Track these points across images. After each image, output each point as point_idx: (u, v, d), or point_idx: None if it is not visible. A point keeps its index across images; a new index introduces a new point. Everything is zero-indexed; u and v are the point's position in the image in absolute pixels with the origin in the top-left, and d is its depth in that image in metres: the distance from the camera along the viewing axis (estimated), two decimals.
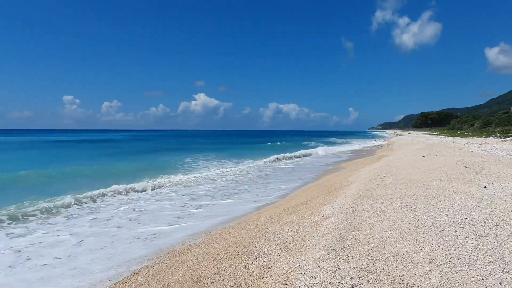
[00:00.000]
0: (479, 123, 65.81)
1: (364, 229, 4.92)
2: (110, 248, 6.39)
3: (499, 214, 5.11)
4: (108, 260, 5.77)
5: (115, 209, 9.44)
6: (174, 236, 6.95)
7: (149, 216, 8.62)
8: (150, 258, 5.74)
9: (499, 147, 20.64)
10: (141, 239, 6.83)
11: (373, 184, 8.81)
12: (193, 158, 25.68)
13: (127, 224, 7.95)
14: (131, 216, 8.69)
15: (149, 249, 6.24)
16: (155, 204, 10.01)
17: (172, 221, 8.09)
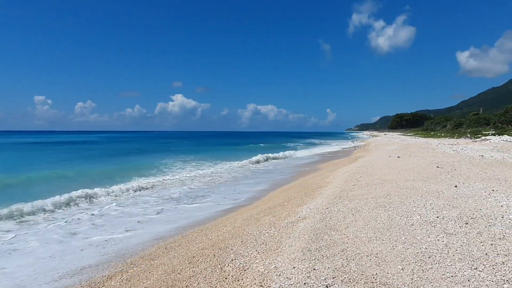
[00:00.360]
0: (451, 124, 67.99)
1: (340, 229, 4.97)
2: (58, 257, 6.14)
3: (468, 213, 5.27)
4: (52, 271, 5.50)
5: (74, 216, 9.04)
6: (127, 243, 6.71)
7: (107, 222, 8.34)
8: (99, 267, 5.55)
9: (469, 148, 21.37)
10: (93, 246, 6.60)
11: (349, 184, 8.94)
12: (170, 160, 25.37)
13: (84, 231, 7.67)
14: (89, 222, 8.38)
15: (97, 258, 5.98)
16: (117, 209, 9.69)
17: (130, 227, 7.85)
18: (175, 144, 57.93)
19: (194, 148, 44.78)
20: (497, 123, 44.46)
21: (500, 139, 25.38)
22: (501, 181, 8.04)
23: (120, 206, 10.14)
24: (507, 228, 4.43)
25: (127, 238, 7.03)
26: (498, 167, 10.65)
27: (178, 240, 6.54)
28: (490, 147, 20.81)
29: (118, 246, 6.54)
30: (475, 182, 7.97)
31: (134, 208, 9.90)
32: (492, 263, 3.47)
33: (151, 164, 21.73)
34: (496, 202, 5.87)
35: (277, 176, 16.29)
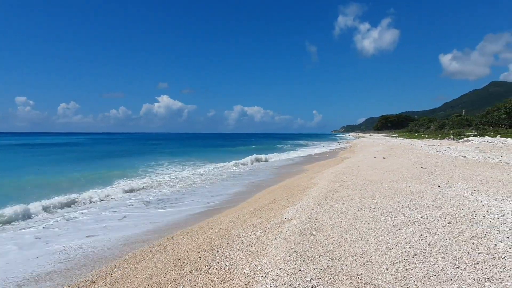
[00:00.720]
0: (435, 125, 69.27)
1: (325, 230, 4.99)
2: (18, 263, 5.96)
3: (451, 212, 5.36)
4: (12, 277, 5.33)
5: (40, 222, 8.68)
6: (74, 254, 6.43)
7: (66, 231, 7.94)
8: (73, 271, 5.45)
9: (452, 149, 21.79)
10: (53, 253, 6.40)
11: (335, 185, 8.99)
12: (154, 162, 25.08)
13: (46, 237, 7.44)
14: (47, 231, 7.98)
15: (59, 264, 5.83)
16: (84, 215, 9.33)
17: (92, 233, 7.65)
18: (160, 145, 57.43)
19: (180, 150, 44.44)
20: (479, 124, 45.50)
21: (482, 140, 25.96)
22: (482, 181, 8.21)
23: (87, 212, 9.72)
24: (488, 227, 4.52)
25: (86, 244, 6.84)
26: (480, 168, 10.88)
27: (164, 242, 6.47)
28: (472, 148, 21.26)
29: (77, 253, 6.40)
30: (457, 182, 8.11)
31: (102, 213, 9.54)
32: (474, 262, 3.53)
33: (133, 167, 21.16)
34: (478, 202, 5.99)
35: (258, 178, 16.28)
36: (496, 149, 19.18)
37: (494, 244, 3.95)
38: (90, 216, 9.29)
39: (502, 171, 9.91)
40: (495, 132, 34.66)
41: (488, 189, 7.11)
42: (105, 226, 8.24)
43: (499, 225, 4.58)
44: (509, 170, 10.23)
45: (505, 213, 5.13)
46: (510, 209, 5.33)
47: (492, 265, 3.44)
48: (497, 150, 18.51)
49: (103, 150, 42.62)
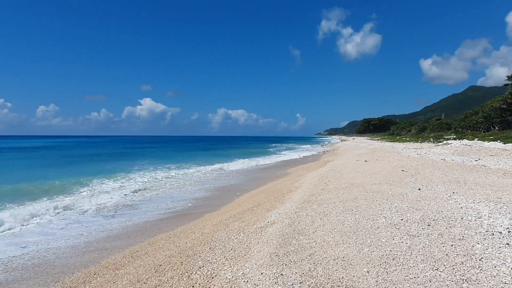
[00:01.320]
0: (416, 129, 70.65)
1: (308, 233, 5.00)
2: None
3: (430, 215, 5.45)
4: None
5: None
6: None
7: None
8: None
9: (432, 151, 22.25)
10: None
11: (317, 189, 9.04)
12: (131, 166, 24.70)
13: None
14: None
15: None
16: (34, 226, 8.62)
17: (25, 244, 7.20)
18: (141, 149, 56.69)
19: (162, 153, 43.99)
20: (458, 128, 46.61)
21: (460, 143, 26.61)
22: (460, 183, 8.40)
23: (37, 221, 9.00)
24: (466, 229, 4.61)
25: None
26: (458, 170, 11.14)
27: (145, 247, 6.36)
28: (451, 151, 21.76)
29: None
30: (437, 185, 8.27)
31: (49, 223, 8.90)
32: (452, 263, 3.59)
33: (105, 172, 20.10)
34: (456, 204, 6.11)
35: (232, 181, 16.25)
36: (474, 152, 19.68)
37: (472, 245, 4.03)
38: (39, 227, 8.54)
39: (480, 174, 10.17)
40: (473, 135, 35.60)
41: (466, 192, 7.27)
42: (45, 236, 7.81)
43: (477, 227, 4.69)
44: (486, 172, 10.51)
45: (482, 215, 5.25)
46: (487, 211, 5.46)
47: (470, 266, 3.50)
48: (475, 153, 18.99)
49: (82, 154, 41.43)
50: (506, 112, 36.89)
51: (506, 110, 36.82)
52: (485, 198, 6.48)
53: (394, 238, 4.45)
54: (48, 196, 12.11)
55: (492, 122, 38.50)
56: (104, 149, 57.13)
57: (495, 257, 3.66)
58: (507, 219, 4.93)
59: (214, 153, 44.86)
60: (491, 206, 5.78)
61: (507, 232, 4.37)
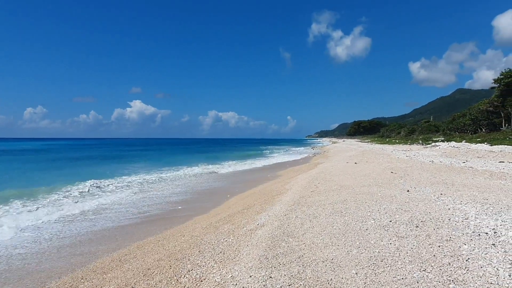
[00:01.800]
0: (405, 131, 71.50)
1: (297, 236, 5.00)
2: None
3: (419, 216, 5.50)
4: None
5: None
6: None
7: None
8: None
9: (421, 153, 22.51)
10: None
11: (307, 191, 9.06)
12: (126, 169, 24.52)
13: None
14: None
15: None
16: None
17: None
18: (131, 151, 56.17)
19: (152, 156, 43.67)
20: (446, 130, 47.30)
21: (448, 145, 26.97)
22: (448, 185, 8.50)
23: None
24: (453, 230, 4.66)
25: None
26: (446, 172, 11.28)
27: (133, 251, 6.29)
28: (439, 153, 22.04)
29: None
30: (425, 187, 8.36)
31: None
32: (440, 264, 3.62)
33: (95, 175, 19.61)
34: (444, 205, 6.18)
35: (222, 183, 16.21)
36: (462, 153, 19.96)
37: (459, 246, 4.08)
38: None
39: (467, 175, 10.31)
40: (460, 137, 36.14)
41: (453, 193, 7.36)
42: (29, 239, 7.58)
43: (463, 228, 4.74)
44: (473, 174, 10.65)
45: (469, 216, 5.32)
46: (474, 212, 5.53)
47: (457, 267, 3.54)
48: (462, 155, 19.27)
49: (71, 157, 40.60)
50: (493, 114, 37.54)
51: (493, 113, 37.47)
52: (472, 200, 6.56)
53: (383, 240, 4.48)
54: (31, 199, 11.89)
55: (479, 124, 39.14)
56: (94, 151, 56.53)
57: (482, 257, 3.70)
58: (493, 220, 5.00)
59: (205, 155, 44.68)
60: (477, 207, 5.86)
61: (493, 233, 4.43)
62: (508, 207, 5.77)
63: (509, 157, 16.15)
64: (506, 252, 3.79)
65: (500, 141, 25.87)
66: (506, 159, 15.70)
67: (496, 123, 36.98)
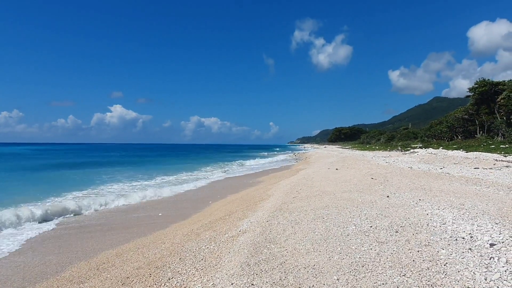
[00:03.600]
0: (385, 138, 72.86)
1: (279, 242, 4.99)
2: None
3: (398, 222, 5.58)
4: None
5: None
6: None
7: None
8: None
9: (400, 160, 22.97)
10: None
11: (289, 197, 9.09)
12: (104, 175, 24.01)
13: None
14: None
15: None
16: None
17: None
18: (110, 157, 55.07)
19: (132, 162, 42.95)
20: (424, 137, 48.46)
21: (426, 152, 27.61)
22: (426, 190, 8.68)
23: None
24: (431, 235, 4.75)
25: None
26: (424, 178, 11.53)
27: (112, 259, 6.14)
28: (417, 159, 22.54)
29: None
30: (404, 192, 8.51)
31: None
32: (419, 269, 3.68)
33: (71, 182, 19.24)
34: (422, 211, 6.30)
35: (204, 189, 16.11)
36: (439, 160, 20.48)
37: (437, 251, 4.15)
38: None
39: (444, 181, 10.56)
40: (438, 144, 37.09)
41: (431, 198, 7.52)
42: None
43: (441, 233, 4.84)
44: (450, 180, 10.93)
45: (446, 221, 5.43)
46: (451, 217, 5.66)
47: (435, 271, 3.60)
48: (439, 161, 19.77)
49: (37, 164, 37.94)
50: (468, 122, 38.73)
51: (468, 121, 38.66)
52: (449, 205, 6.71)
53: (364, 245, 4.52)
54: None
55: (455, 131, 40.30)
56: (70, 157, 55.11)
57: (459, 262, 3.78)
58: (469, 225, 5.13)
59: (186, 161, 44.31)
60: (454, 213, 6.00)
61: (469, 238, 4.54)
62: (483, 212, 5.93)
63: (484, 164, 16.66)
64: (482, 256, 3.89)
65: (475, 148, 26.69)
66: (481, 165, 16.19)
67: (471, 131, 38.15)
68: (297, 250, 4.54)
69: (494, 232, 4.68)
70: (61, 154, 66.07)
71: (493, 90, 35.47)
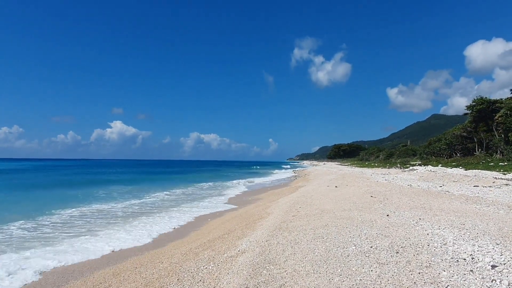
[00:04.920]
0: (383, 155, 72.83)
1: (278, 263, 4.93)
2: None
3: (399, 242, 5.54)
4: None
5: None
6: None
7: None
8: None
9: (399, 177, 22.93)
10: None
11: (289, 215, 9.02)
12: (101, 191, 23.88)
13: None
14: None
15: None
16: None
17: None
18: (109, 174, 54.70)
19: (130, 178, 42.76)
20: (423, 154, 48.49)
21: (425, 169, 27.59)
22: (426, 209, 8.64)
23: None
24: (432, 256, 4.71)
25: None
26: (424, 196, 11.49)
27: (109, 279, 6.04)
28: (417, 177, 22.50)
29: None
30: (404, 211, 8.47)
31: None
32: None
33: (67, 198, 19.07)
34: (423, 231, 6.26)
35: (202, 205, 16.00)
36: (438, 177, 20.44)
37: (438, 273, 4.11)
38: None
39: (444, 200, 10.52)
40: (437, 161, 37.09)
41: (431, 218, 7.48)
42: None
43: (442, 254, 4.79)
44: (450, 198, 10.89)
45: (447, 242, 5.39)
46: (452, 238, 5.62)
47: None
48: (439, 179, 19.73)
49: (44, 181, 39.02)
50: (467, 139, 38.85)
51: (466, 138, 38.78)
52: (450, 225, 6.68)
53: (364, 267, 4.47)
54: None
55: (454, 149, 40.35)
56: (69, 173, 54.77)
57: (461, 284, 3.74)
58: (470, 246, 5.09)
59: (184, 177, 44.16)
60: (455, 233, 5.96)
61: (470, 259, 4.50)
62: (484, 232, 5.89)
63: (483, 182, 16.64)
64: (484, 278, 3.84)
65: (474, 166, 26.68)
66: (480, 183, 16.17)
67: (470, 148, 38.21)
68: (296, 272, 4.48)
69: (495, 253, 4.64)
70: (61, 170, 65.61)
71: (490, 108, 35.70)
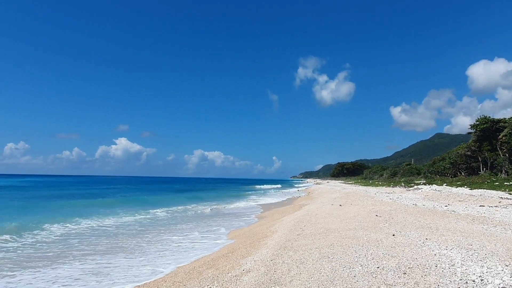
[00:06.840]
0: (387, 173, 72.37)
1: (284, 283, 4.87)
2: None
3: (406, 262, 5.46)
4: None
5: None
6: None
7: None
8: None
9: (404, 196, 22.74)
10: None
11: (293, 234, 8.94)
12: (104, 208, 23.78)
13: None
14: None
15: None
16: None
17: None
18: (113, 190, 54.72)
19: (135, 195, 42.66)
20: (427, 173, 48.22)
21: (430, 188, 27.38)
22: (433, 229, 8.54)
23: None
24: (440, 277, 4.63)
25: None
26: (430, 216, 11.37)
27: None
28: (421, 196, 22.31)
29: None
30: (410, 231, 8.37)
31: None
32: None
33: (74, 214, 18.80)
34: (430, 251, 6.17)
35: (206, 223, 15.87)
36: (443, 197, 20.25)
37: None
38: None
39: (450, 219, 10.41)
40: (441, 180, 36.84)
41: (438, 238, 7.39)
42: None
43: (451, 275, 4.72)
44: (456, 218, 10.77)
45: (455, 263, 5.31)
46: (460, 258, 5.54)
47: None
48: (444, 198, 19.54)
49: (50, 195, 39.11)
50: (471, 159, 38.65)
51: (471, 157, 38.59)
52: (457, 245, 6.59)
53: None
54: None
55: (458, 168, 40.13)
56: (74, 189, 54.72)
57: None
58: (478, 267, 5.01)
59: (188, 195, 43.95)
60: (463, 253, 5.88)
61: (480, 280, 4.42)
62: (492, 253, 5.81)
63: (489, 201, 16.47)
64: None
65: (479, 185, 26.45)
66: (486, 203, 16.00)
67: (474, 167, 37.98)
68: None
69: (505, 275, 4.57)
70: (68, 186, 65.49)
71: (494, 127, 35.67)
